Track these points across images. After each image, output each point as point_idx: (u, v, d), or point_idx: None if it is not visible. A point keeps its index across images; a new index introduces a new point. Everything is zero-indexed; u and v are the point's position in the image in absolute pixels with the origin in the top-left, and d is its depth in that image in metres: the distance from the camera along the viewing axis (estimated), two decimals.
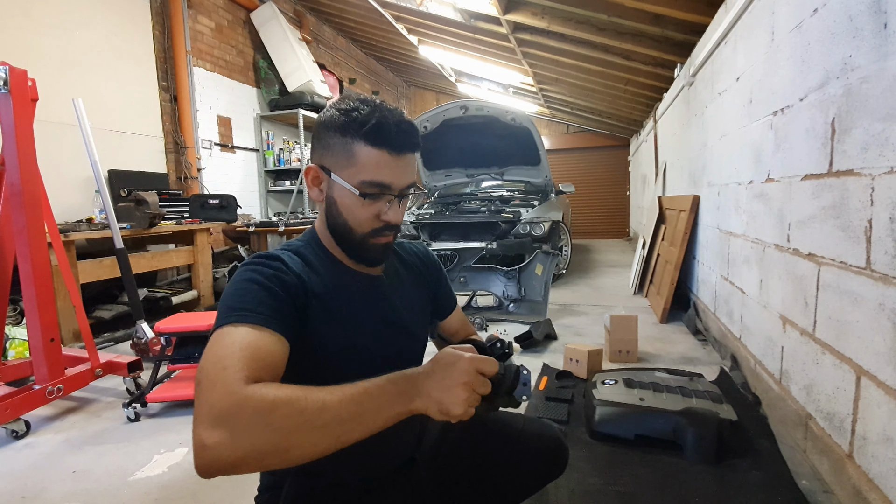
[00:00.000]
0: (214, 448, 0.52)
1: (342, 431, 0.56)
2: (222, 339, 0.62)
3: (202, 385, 0.57)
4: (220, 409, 0.54)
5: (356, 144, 0.74)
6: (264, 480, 0.87)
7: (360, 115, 0.73)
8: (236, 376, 0.57)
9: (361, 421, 0.58)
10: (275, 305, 0.67)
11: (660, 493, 1.40)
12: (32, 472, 1.61)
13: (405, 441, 0.91)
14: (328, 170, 0.77)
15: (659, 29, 3.38)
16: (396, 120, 0.75)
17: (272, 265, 0.73)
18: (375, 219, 0.78)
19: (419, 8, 4.75)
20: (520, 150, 4.95)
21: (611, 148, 9.79)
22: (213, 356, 0.60)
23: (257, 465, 0.54)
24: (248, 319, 0.64)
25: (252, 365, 0.59)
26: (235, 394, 0.55)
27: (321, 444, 0.56)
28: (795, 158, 1.64)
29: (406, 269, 0.96)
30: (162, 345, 2.14)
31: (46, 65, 3.29)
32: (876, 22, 1.18)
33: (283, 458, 0.54)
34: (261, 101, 5.56)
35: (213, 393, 0.56)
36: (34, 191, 1.86)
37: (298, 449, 0.54)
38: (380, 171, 0.75)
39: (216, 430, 0.53)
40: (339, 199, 0.77)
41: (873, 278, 1.18)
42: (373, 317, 0.83)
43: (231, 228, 4.45)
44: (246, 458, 0.53)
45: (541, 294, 3.40)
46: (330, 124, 0.76)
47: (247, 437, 0.53)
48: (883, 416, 1.14)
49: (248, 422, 0.53)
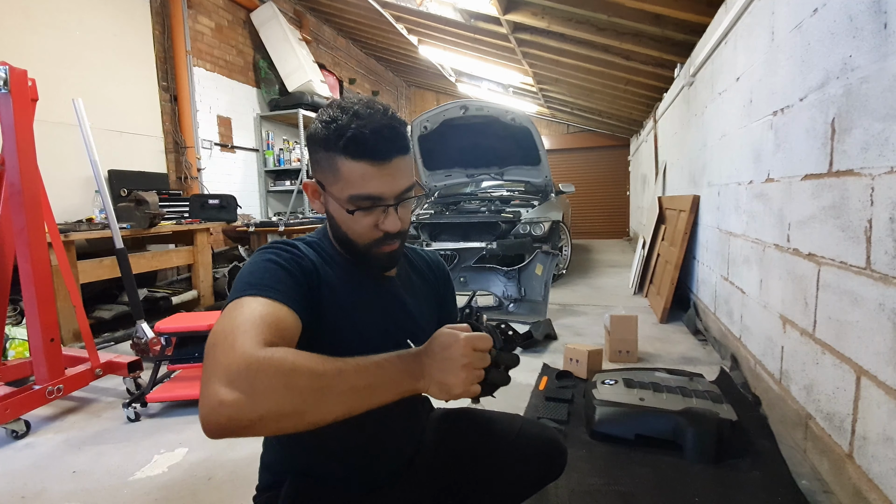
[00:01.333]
0: (233, 406, 0.51)
1: (355, 400, 0.57)
2: (239, 307, 0.62)
3: (218, 346, 0.57)
4: (240, 368, 0.53)
5: (338, 159, 0.72)
6: (262, 480, 0.87)
7: (338, 127, 0.71)
8: (255, 339, 0.56)
9: (373, 392, 0.58)
10: (292, 284, 0.68)
11: (660, 493, 1.40)
12: (32, 472, 1.61)
13: (404, 443, 0.91)
14: (322, 185, 0.77)
15: (659, 29, 3.38)
16: (375, 127, 0.71)
17: (289, 250, 0.74)
18: (374, 229, 0.76)
19: (419, 8, 4.75)
20: (520, 150, 4.95)
21: (611, 148, 9.79)
22: (229, 321, 0.60)
23: (273, 427, 0.54)
24: (266, 293, 0.64)
25: (270, 331, 0.59)
26: (255, 354, 0.54)
27: (335, 411, 0.56)
28: (795, 158, 1.64)
29: (416, 273, 0.97)
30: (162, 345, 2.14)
31: (46, 65, 3.29)
32: (876, 22, 1.18)
33: (299, 422, 0.54)
34: (261, 101, 5.56)
35: (231, 353, 0.55)
36: (34, 191, 1.86)
37: (315, 413, 0.54)
38: (366, 183, 0.72)
39: (235, 389, 0.52)
40: (336, 213, 0.77)
41: (873, 278, 1.18)
42: (383, 315, 0.84)
43: (231, 228, 4.45)
44: (264, 419, 0.52)
45: (541, 294, 3.40)
46: (314, 138, 0.74)
47: (267, 397, 0.52)
48: (883, 416, 1.14)
49: (268, 382, 0.52)
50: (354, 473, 0.84)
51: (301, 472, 0.82)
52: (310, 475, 0.82)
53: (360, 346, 0.77)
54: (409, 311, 0.88)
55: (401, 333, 0.84)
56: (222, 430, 0.52)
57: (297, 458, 0.83)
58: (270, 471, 0.86)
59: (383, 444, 0.86)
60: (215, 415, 0.52)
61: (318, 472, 0.83)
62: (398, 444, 0.90)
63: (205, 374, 0.55)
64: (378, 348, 0.79)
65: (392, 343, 0.82)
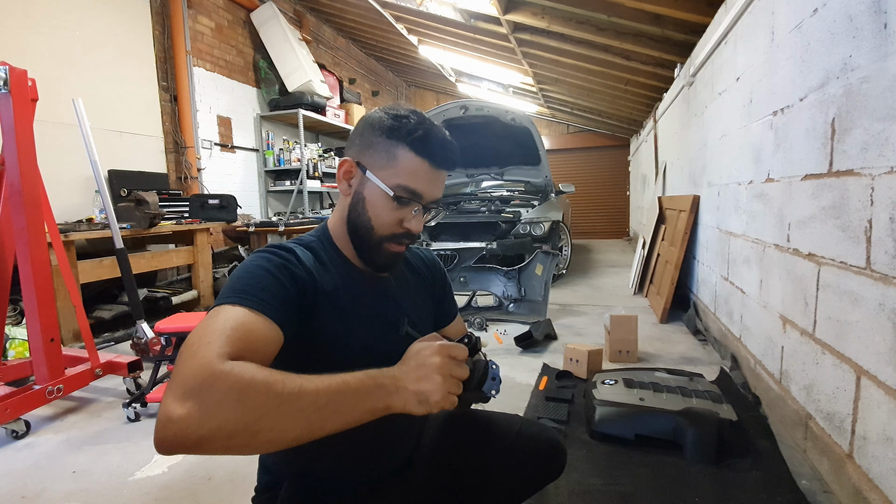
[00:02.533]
0: (180, 421, 0.49)
1: (316, 420, 0.55)
2: (216, 315, 0.61)
3: (182, 356, 0.56)
4: (194, 382, 0.52)
5: (400, 148, 0.76)
6: (261, 481, 0.87)
7: (409, 123, 0.77)
8: (218, 351, 0.55)
9: (336, 412, 0.56)
10: (278, 294, 0.67)
11: (660, 493, 1.40)
12: (32, 472, 1.61)
13: (403, 443, 0.91)
14: (364, 167, 0.78)
15: (659, 29, 3.38)
16: (442, 136, 0.79)
17: (284, 256, 0.73)
18: (398, 224, 0.79)
19: (419, 8, 4.75)
20: (520, 150, 4.94)
21: (611, 148, 9.79)
22: (201, 331, 0.58)
23: (223, 445, 0.51)
24: (246, 302, 0.63)
25: (238, 344, 0.57)
26: (212, 368, 0.53)
27: (292, 431, 0.54)
28: (795, 158, 1.64)
29: (412, 273, 0.96)
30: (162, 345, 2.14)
31: (46, 65, 3.29)
32: (876, 22, 1.18)
33: (251, 441, 0.52)
34: (261, 101, 5.56)
35: (190, 364, 0.54)
36: (34, 191, 1.86)
37: (269, 432, 0.52)
38: (417, 178, 0.77)
39: (186, 403, 0.50)
40: (369, 196, 0.79)
41: (873, 278, 1.18)
42: (379, 317, 0.83)
43: (231, 228, 4.45)
44: (212, 436, 0.50)
45: (541, 294, 3.40)
46: (376, 124, 0.78)
47: (216, 414, 0.50)
48: (883, 416, 1.14)
49: (220, 397, 0.51)
50: (353, 474, 0.84)
51: (299, 472, 0.82)
52: (308, 476, 0.82)
53: (356, 346, 0.78)
54: (406, 311, 0.88)
55: (396, 333, 0.85)
56: (171, 445, 0.50)
57: (296, 458, 0.83)
58: (269, 471, 0.86)
59: (382, 445, 0.86)
60: (162, 431, 0.50)
61: (317, 472, 0.83)
62: (397, 445, 0.90)
63: (167, 386, 0.54)
64: (374, 347, 0.80)
65: (388, 344, 0.82)
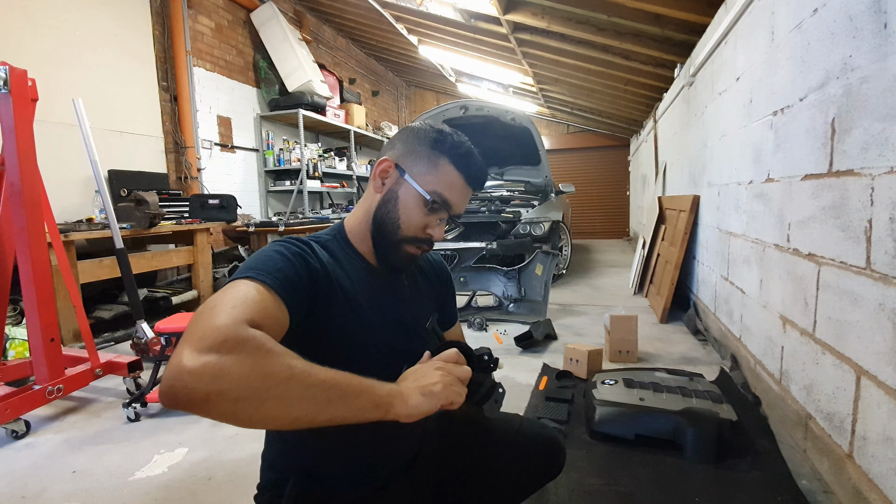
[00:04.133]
0: (194, 373, 0.49)
1: (320, 402, 0.55)
2: (234, 287, 0.62)
3: (201, 316, 0.56)
4: (215, 339, 0.52)
5: (442, 159, 0.83)
6: (264, 479, 0.87)
7: (453, 139, 0.84)
8: (241, 316, 0.56)
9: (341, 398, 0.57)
10: (292, 278, 0.68)
11: (660, 493, 1.40)
12: (32, 472, 1.61)
13: (406, 443, 0.92)
14: (403, 169, 0.83)
15: (659, 29, 3.38)
16: (480, 162, 0.87)
17: (300, 246, 0.75)
18: (423, 229, 0.84)
19: (419, 8, 4.75)
20: (520, 150, 4.95)
21: (611, 148, 9.79)
22: (219, 298, 0.59)
23: (227, 409, 0.51)
24: (263, 279, 0.64)
25: (257, 315, 0.58)
26: (234, 329, 0.53)
27: (297, 408, 0.54)
28: (795, 158, 1.64)
29: (422, 275, 0.99)
30: (162, 345, 2.14)
31: (46, 65, 3.29)
32: (876, 22, 1.18)
33: (256, 410, 0.52)
34: (261, 101, 5.56)
35: (211, 322, 0.54)
36: (34, 191, 1.86)
37: (275, 403, 0.52)
38: (451, 190, 0.83)
39: (203, 356, 0.50)
40: (403, 197, 0.83)
41: (873, 278, 1.18)
42: (390, 315, 0.85)
43: (231, 228, 4.45)
44: (222, 394, 0.50)
45: (541, 294, 3.40)
46: (422, 134, 0.85)
47: (231, 372, 0.50)
48: (883, 416, 1.14)
49: (238, 358, 0.51)
50: (356, 473, 0.84)
51: (303, 470, 0.82)
52: (312, 474, 0.82)
53: (367, 341, 0.79)
54: (414, 310, 0.90)
55: (406, 332, 0.87)
56: (176, 398, 0.49)
57: (299, 455, 0.83)
58: (273, 468, 0.86)
59: (385, 444, 0.87)
60: (173, 381, 0.49)
61: (320, 470, 0.83)
62: (400, 445, 0.90)
63: (181, 340, 0.53)
64: (385, 344, 0.82)
65: (398, 341, 0.84)
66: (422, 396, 0.61)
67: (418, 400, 0.61)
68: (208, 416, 0.51)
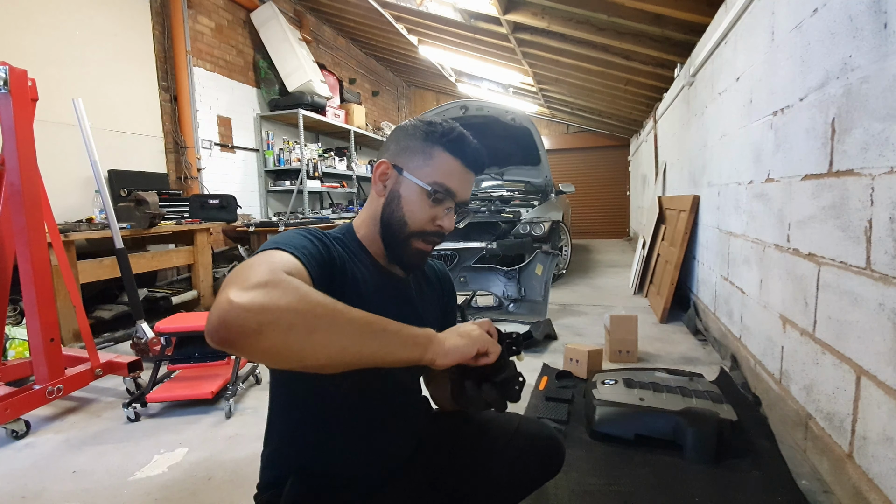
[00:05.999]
0: (244, 305, 0.51)
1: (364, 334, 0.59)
2: (267, 254, 0.64)
3: (241, 269, 0.58)
4: (259, 279, 0.54)
5: (436, 149, 0.83)
6: (264, 478, 0.87)
7: (443, 127, 0.84)
8: (280, 268, 0.59)
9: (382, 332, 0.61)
10: (315, 255, 0.71)
11: (660, 493, 1.40)
12: (32, 472, 1.61)
13: (404, 441, 0.92)
14: (400, 168, 0.83)
15: (659, 29, 3.38)
16: (474, 143, 0.85)
17: (320, 233, 0.77)
18: (431, 221, 0.84)
19: (419, 8, 4.75)
20: (520, 150, 4.95)
21: (611, 148, 9.79)
22: (256, 259, 0.62)
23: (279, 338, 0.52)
24: (292, 251, 0.67)
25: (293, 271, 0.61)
26: (276, 272, 0.57)
27: (342, 339, 0.57)
28: (795, 158, 1.64)
29: (427, 283, 1.00)
30: (162, 345, 2.14)
31: (46, 65, 3.29)
32: (876, 22, 1.18)
33: (307, 340, 0.54)
34: (261, 101, 5.56)
35: (254, 270, 0.57)
36: (34, 191, 1.86)
37: (324, 332, 0.55)
38: (451, 177, 0.83)
39: (251, 292, 0.52)
40: (405, 194, 0.83)
41: (873, 278, 1.18)
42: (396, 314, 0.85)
43: (231, 228, 4.45)
44: (274, 323, 0.51)
45: (541, 294, 3.40)
46: (411, 130, 0.85)
47: (282, 303, 0.53)
48: (883, 416, 1.14)
49: (285, 291, 0.54)
50: (356, 471, 0.84)
51: (302, 469, 0.82)
52: (311, 473, 0.82)
53: None
54: (419, 313, 0.92)
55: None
56: (229, 331, 0.50)
57: (299, 453, 0.83)
58: (272, 467, 0.86)
59: (384, 443, 0.87)
60: (224, 314, 0.50)
61: (319, 469, 0.83)
62: (398, 443, 0.90)
63: (222, 289, 0.55)
64: None
65: None
66: (459, 338, 0.65)
67: (455, 341, 0.64)
68: (258, 350, 0.52)
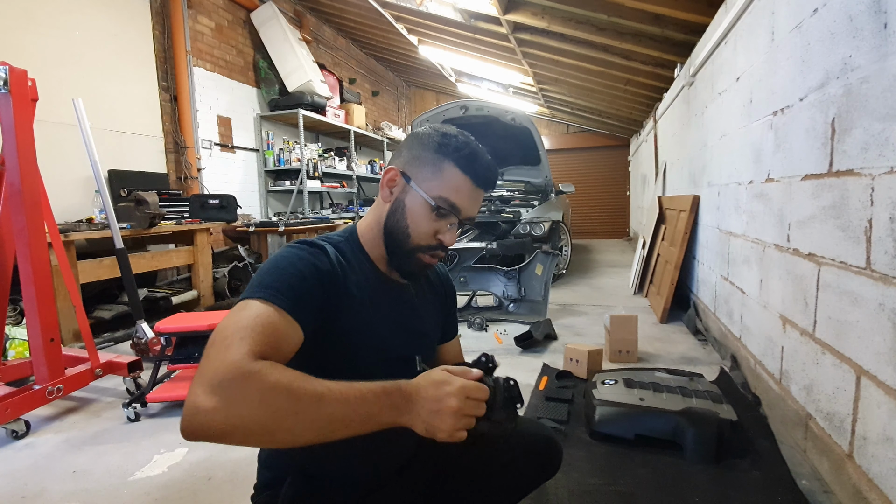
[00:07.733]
0: (207, 414, 0.54)
1: (329, 429, 0.58)
2: (246, 309, 0.64)
3: (215, 347, 0.59)
4: (223, 378, 0.55)
5: (446, 163, 0.80)
6: (261, 478, 0.87)
7: (457, 141, 0.81)
8: (248, 349, 0.58)
9: (348, 424, 0.59)
10: (303, 294, 0.69)
11: (660, 493, 1.40)
12: (32, 472, 1.61)
13: (404, 442, 0.91)
14: (408, 177, 0.82)
15: (659, 29, 3.38)
16: (488, 160, 0.84)
17: (315, 253, 0.76)
18: (433, 236, 0.83)
19: (419, 8, 4.75)
20: (520, 150, 4.94)
21: (611, 148, 9.79)
22: (233, 323, 0.62)
23: (241, 440, 0.56)
24: (274, 299, 0.66)
25: (265, 341, 0.61)
26: (241, 366, 0.56)
27: (306, 435, 0.57)
28: (795, 158, 1.64)
29: (428, 286, 1.00)
30: (162, 345, 2.14)
31: (46, 65, 3.29)
32: (876, 22, 1.18)
33: (267, 440, 0.57)
34: (261, 101, 5.56)
35: (222, 357, 0.57)
36: (34, 191, 1.86)
37: (285, 434, 0.56)
38: (458, 194, 0.81)
39: (213, 397, 0.54)
40: (410, 205, 0.82)
41: (873, 278, 1.18)
42: (398, 321, 0.86)
43: (231, 228, 4.45)
44: (234, 431, 0.54)
45: (541, 294, 3.40)
46: (425, 139, 0.83)
47: (240, 412, 0.54)
48: (883, 416, 1.14)
49: (245, 396, 0.55)
50: (352, 472, 0.84)
51: (299, 469, 0.82)
52: (308, 474, 0.82)
53: (375, 346, 0.80)
54: (420, 318, 0.92)
55: (413, 338, 0.88)
56: (195, 434, 0.54)
57: (296, 454, 0.83)
58: (269, 467, 0.86)
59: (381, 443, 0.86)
60: (189, 420, 0.54)
61: (316, 469, 0.83)
62: (396, 443, 0.90)
63: (196, 373, 0.58)
64: (392, 350, 0.83)
65: (405, 348, 0.85)
66: (424, 431, 0.63)
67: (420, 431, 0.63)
68: (230, 444, 0.56)
